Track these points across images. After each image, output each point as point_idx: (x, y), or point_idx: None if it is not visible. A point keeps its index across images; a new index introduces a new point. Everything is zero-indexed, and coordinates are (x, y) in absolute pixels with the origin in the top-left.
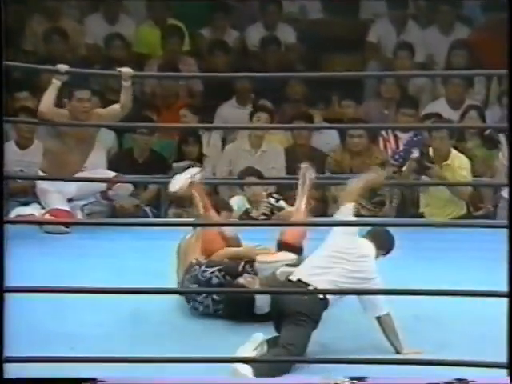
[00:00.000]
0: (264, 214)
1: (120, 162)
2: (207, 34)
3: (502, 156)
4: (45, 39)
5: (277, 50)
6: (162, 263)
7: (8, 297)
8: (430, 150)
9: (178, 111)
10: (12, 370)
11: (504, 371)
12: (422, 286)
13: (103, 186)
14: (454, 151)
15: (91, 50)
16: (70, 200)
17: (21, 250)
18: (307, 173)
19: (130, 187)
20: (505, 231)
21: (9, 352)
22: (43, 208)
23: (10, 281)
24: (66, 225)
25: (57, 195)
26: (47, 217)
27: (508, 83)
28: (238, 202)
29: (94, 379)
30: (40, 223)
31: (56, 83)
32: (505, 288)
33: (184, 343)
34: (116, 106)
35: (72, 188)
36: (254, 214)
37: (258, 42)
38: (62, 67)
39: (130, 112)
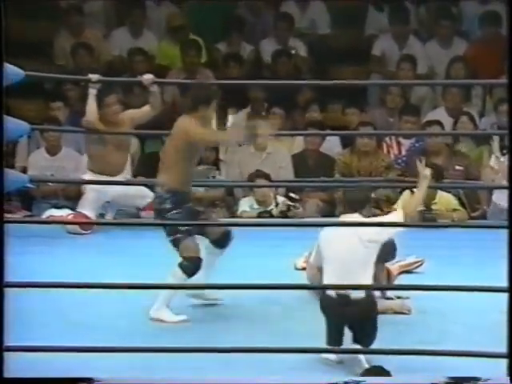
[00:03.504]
0: (281, 212)
1: (146, 165)
2: (223, 47)
3: (494, 157)
4: (72, 53)
5: (288, 62)
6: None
7: (8, 292)
8: None
9: None
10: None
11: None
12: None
13: (141, 202)
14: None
15: (116, 62)
16: (107, 203)
17: (44, 248)
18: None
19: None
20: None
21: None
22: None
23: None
24: (84, 227)
25: (93, 194)
26: (69, 218)
27: (508, 91)
28: (248, 203)
29: (90, 379)
30: (40, 223)
31: (93, 92)
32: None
33: None
34: (146, 107)
35: (114, 190)
36: (274, 211)
37: (271, 54)
38: (94, 76)
39: (154, 119)
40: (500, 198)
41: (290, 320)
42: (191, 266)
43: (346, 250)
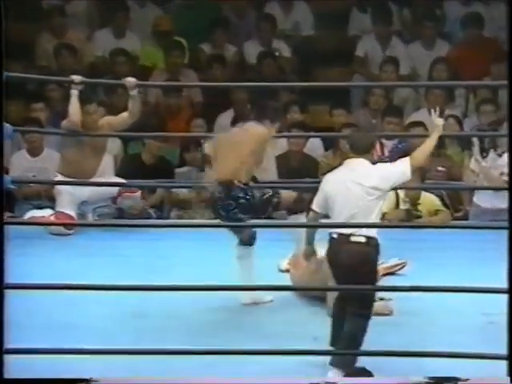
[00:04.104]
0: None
1: (128, 167)
2: (207, 48)
3: (474, 160)
4: (55, 54)
5: (272, 63)
6: (164, 261)
7: (8, 293)
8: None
9: (181, 120)
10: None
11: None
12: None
13: (114, 192)
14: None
15: (99, 63)
16: (83, 203)
17: (28, 249)
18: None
19: (138, 197)
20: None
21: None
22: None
23: (16, 278)
24: (68, 227)
25: (68, 197)
26: (52, 219)
27: (508, 94)
28: None
29: (88, 379)
30: (37, 224)
31: (75, 92)
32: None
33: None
34: (125, 114)
35: (85, 192)
36: None
37: (256, 56)
38: (77, 78)
39: (137, 120)
40: (481, 200)
41: (274, 322)
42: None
43: (349, 196)
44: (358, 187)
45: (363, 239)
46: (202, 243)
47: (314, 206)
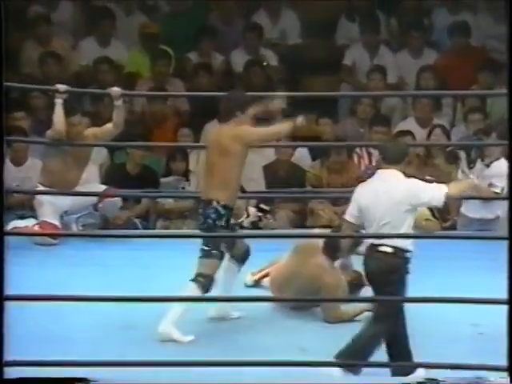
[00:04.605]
0: (252, 223)
1: (113, 176)
2: (193, 57)
3: (461, 172)
4: (40, 62)
5: (259, 72)
6: (149, 271)
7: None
8: None
9: (167, 130)
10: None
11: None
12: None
13: (95, 199)
14: None
15: (84, 72)
16: (65, 212)
17: (13, 259)
18: None
19: (119, 201)
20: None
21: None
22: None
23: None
24: (54, 237)
25: (50, 207)
26: (36, 229)
27: (508, 101)
28: None
29: (87, 379)
30: (36, 235)
31: (59, 102)
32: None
33: None
34: (109, 125)
35: (66, 202)
36: (244, 223)
37: (243, 64)
38: (61, 87)
39: (123, 130)
40: (468, 210)
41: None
42: (208, 283)
43: (379, 207)
44: (389, 199)
45: (390, 249)
46: (188, 253)
47: (348, 217)
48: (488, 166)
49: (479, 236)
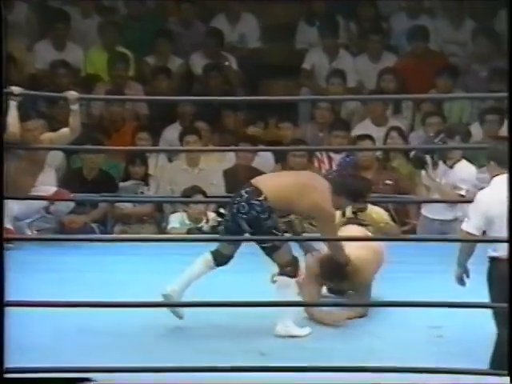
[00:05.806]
0: (212, 228)
1: (70, 181)
2: (152, 60)
3: (427, 175)
4: None
5: (218, 75)
6: (106, 276)
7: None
8: None
9: (126, 133)
10: None
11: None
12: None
13: (46, 203)
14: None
15: (40, 75)
16: (15, 218)
17: None
18: None
19: (70, 202)
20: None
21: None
22: None
23: None
24: (10, 241)
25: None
26: None
27: (508, 104)
28: (178, 219)
29: (88, 379)
30: (36, 240)
31: (13, 104)
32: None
33: None
34: (65, 130)
35: (15, 207)
36: (204, 228)
37: (202, 68)
38: (16, 89)
39: (80, 134)
40: (429, 211)
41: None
42: (295, 267)
43: (505, 214)
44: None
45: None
46: (146, 258)
47: (472, 230)
48: (451, 167)
49: (480, 240)
